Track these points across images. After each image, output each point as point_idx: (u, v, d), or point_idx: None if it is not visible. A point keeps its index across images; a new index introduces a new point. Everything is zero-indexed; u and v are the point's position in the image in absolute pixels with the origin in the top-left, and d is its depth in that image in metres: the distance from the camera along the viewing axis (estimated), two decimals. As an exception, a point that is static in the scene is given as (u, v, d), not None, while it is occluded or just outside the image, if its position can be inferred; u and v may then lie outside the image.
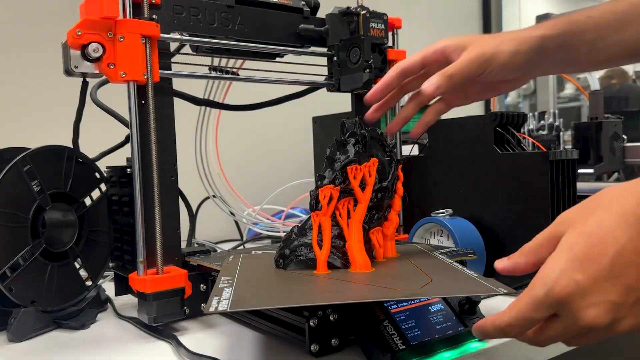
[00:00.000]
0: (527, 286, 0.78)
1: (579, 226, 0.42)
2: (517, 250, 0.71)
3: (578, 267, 0.40)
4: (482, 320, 0.45)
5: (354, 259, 0.58)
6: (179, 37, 0.68)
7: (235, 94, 0.88)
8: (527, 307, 0.42)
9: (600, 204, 0.42)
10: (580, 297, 0.40)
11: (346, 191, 0.60)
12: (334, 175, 0.60)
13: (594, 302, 0.40)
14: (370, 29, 0.79)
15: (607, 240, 0.40)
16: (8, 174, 0.65)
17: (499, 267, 0.47)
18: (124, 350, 0.60)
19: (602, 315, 0.40)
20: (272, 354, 0.58)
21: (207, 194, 0.98)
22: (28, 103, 1.14)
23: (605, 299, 0.40)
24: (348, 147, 0.61)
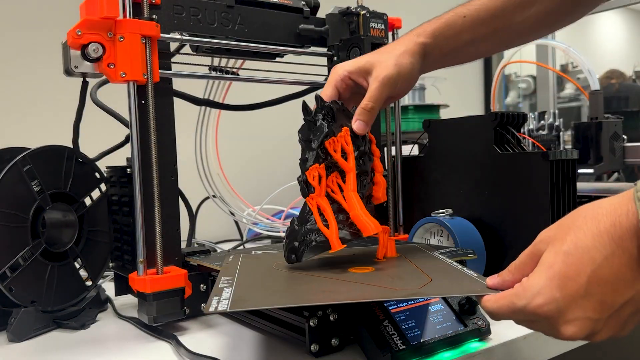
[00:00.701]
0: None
1: (557, 245, 0.44)
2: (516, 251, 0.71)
3: (557, 285, 0.42)
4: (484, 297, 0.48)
5: (364, 224, 0.57)
6: (179, 37, 0.68)
7: (235, 94, 0.88)
8: (508, 310, 0.45)
9: (576, 223, 0.44)
10: (559, 315, 0.42)
11: (330, 167, 0.60)
12: (315, 154, 0.59)
13: (571, 318, 0.42)
14: (370, 29, 0.79)
15: (584, 259, 0.42)
16: (8, 174, 0.65)
17: (489, 284, 0.50)
18: (124, 350, 0.60)
19: (579, 331, 0.42)
20: (272, 354, 0.58)
21: (207, 194, 0.98)
22: (28, 103, 1.14)
23: (582, 315, 0.42)
24: (319, 124, 0.60)
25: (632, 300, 0.42)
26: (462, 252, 0.69)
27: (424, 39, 0.67)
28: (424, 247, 0.70)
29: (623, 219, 0.42)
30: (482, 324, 0.57)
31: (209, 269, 0.67)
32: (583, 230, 0.43)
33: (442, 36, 0.67)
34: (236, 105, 0.85)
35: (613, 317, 0.43)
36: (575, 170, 0.73)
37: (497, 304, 0.46)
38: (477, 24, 0.67)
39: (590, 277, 0.42)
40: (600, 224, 0.43)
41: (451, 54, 0.69)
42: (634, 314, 0.43)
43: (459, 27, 0.67)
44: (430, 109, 1.34)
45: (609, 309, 0.42)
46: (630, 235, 0.41)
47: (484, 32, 0.68)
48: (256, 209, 1.14)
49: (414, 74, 0.66)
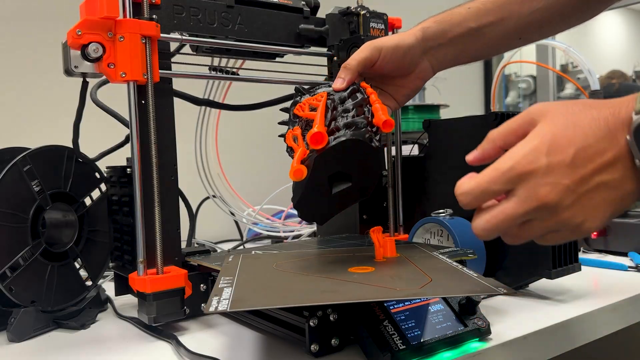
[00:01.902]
0: (527, 286, 0.78)
1: (555, 118, 0.46)
2: (516, 250, 0.71)
3: (546, 151, 0.45)
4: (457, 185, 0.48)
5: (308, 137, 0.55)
6: (179, 37, 0.68)
7: (235, 94, 0.88)
8: (488, 178, 0.46)
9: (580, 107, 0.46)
10: (541, 175, 0.44)
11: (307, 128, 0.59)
12: (289, 124, 0.61)
13: (549, 182, 0.44)
14: (370, 29, 0.79)
15: (577, 135, 0.45)
16: (8, 174, 0.65)
17: (469, 159, 0.51)
18: (124, 350, 0.60)
19: (552, 194, 0.44)
20: (272, 354, 0.58)
21: (207, 194, 0.98)
22: (28, 103, 1.14)
23: (561, 181, 0.44)
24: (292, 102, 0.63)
25: (607, 184, 0.45)
26: (462, 252, 0.69)
27: (424, 24, 0.69)
28: (424, 247, 0.70)
29: (622, 111, 0.45)
30: (482, 324, 0.57)
31: (209, 269, 0.67)
32: (584, 113, 0.46)
33: (445, 22, 0.69)
34: (236, 105, 0.85)
35: (585, 196, 0.45)
36: (575, 170, 0.72)
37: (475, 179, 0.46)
38: (482, 13, 0.68)
39: (578, 150, 0.44)
40: (601, 111, 0.45)
41: (459, 41, 0.69)
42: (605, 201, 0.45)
43: (464, 15, 0.69)
44: (430, 109, 1.34)
45: (585, 184, 0.44)
46: (623, 126, 0.44)
47: (490, 20, 0.68)
48: (256, 209, 1.14)
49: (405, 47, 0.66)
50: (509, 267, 0.74)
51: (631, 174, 0.44)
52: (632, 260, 0.90)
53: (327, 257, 0.67)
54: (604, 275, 0.85)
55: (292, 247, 0.78)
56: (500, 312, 0.67)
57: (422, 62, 0.69)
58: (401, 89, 0.70)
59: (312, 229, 1.10)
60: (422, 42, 0.68)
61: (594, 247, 1.00)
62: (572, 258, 0.73)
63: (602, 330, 0.69)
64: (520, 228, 0.47)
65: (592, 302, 0.70)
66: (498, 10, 0.68)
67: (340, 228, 0.91)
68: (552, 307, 0.69)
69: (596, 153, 0.44)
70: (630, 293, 0.73)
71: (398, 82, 0.70)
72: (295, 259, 0.66)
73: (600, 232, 0.99)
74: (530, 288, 0.76)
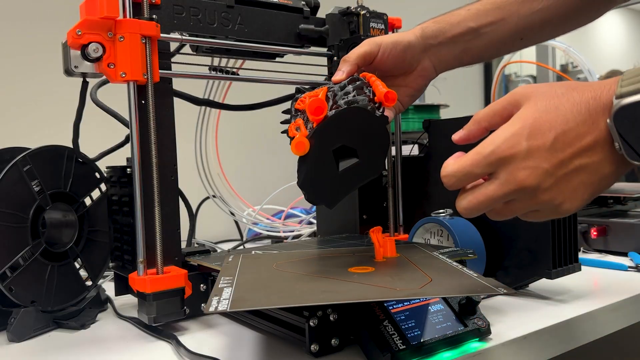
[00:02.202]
0: (527, 286, 0.78)
1: (537, 103, 0.47)
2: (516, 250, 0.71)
3: (527, 134, 0.46)
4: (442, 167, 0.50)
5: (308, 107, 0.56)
6: (179, 37, 0.68)
7: (235, 94, 0.88)
8: (470, 162, 0.48)
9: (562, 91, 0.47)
10: (521, 159, 0.46)
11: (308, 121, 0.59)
12: (291, 116, 0.61)
13: (530, 165, 0.46)
14: (370, 29, 0.79)
15: (558, 120, 0.46)
16: (8, 174, 0.65)
17: (455, 139, 0.52)
18: (124, 350, 0.60)
19: (531, 178, 0.46)
20: (272, 354, 0.58)
21: (207, 194, 0.98)
22: (28, 103, 1.14)
23: (540, 165, 0.45)
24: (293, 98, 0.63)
25: (585, 168, 0.46)
26: (462, 252, 0.69)
27: (423, 24, 0.69)
28: (424, 247, 0.70)
29: (604, 95, 0.45)
30: (482, 324, 0.57)
31: (209, 269, 0.67)
32: (566, 97, 0.47)
33: (444, 22, 0.69)
34: (236, 105, 0.85)
35: (565, 179, 0.46)
36: (576, 170, 0.72)
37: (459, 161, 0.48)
38: (482, 14, 0.69)
39: (558, 135, 0.46)
40: (583, 95, 0.46)
41: (460, 41, 0.69)
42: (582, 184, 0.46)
43: (463, 15, 0.69)
44: (430, 109, 1.34)
45: (564, 167, 0.46)
46: (604, 109, 0.45)
47: (490, 20, 0.69)
48: (256, 209, 1.14)
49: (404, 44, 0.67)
50: (509, 267, 0.74)
51: (610, 157, 0.46)
52: (632, 260, 0.90)
53: (327, 257, 0.67)
54: (604, 275, 0.85)
55: (292, 247, 0.78)
56: (500, 312, 0.67)
57: (423, 60, 0.69)
58: (404, 89, 0.70)
59: (312, 229, 1.10)
60: (421, 39, 0.68)
61: (594, 247, 1.00)
62: (572, 258, 0.73)
63: (602, 330, 0.69)
64: (502, 207, 0.49)
65: (592, 302, 0.70)
66: (497, 11, 0.69)
67: (340, 228, 0.91)
68: (552, 307, 0.69)
69: (576, 137, 0.45)
70: (630, 293, 0.73)
71: (400, 82, 0.70)
72: (295, 259, 0.66)
73: (600, 232, 0.99)
74: (530, 288, 0.76)
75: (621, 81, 0.45)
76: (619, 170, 0.46)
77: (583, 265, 0.76)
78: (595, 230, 0.99)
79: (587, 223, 1.01)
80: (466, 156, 0.48)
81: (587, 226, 1.00)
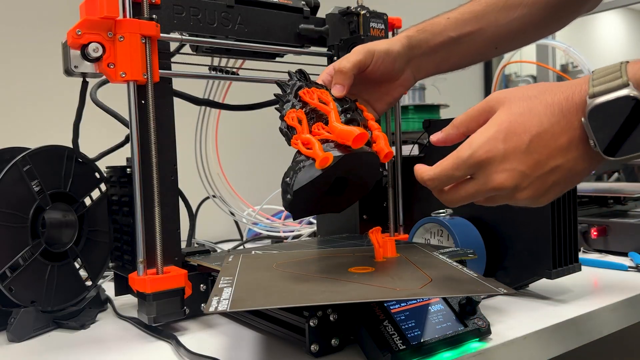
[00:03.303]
0: (527, 286, 0.78)
1: (512, 106, 0.49)
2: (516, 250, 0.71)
3: (503, 138, 0.48)
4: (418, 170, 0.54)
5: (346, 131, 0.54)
6: (179, 37, 0.68)
7: (235, 94, 0.88)
8: (451, 165, 0.50)
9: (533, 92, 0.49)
10: (498, 162, 0.48)
11: (314, 117, 0.59)
12: (292, 103, 0.60)
13: (507, 168, 0.48)
14: (370, 29, 0.79)
15: (533, 122, 0.48)
16: (8, 174, 0.65)
17: (433, 140, 0.56)
18: (124, 350, 0.60)
19: (509, 180, 0.48)
20: (272, 354, 0.58)
21: (207, 194, 0.98)
22: (28, 103, 1.14)
23: (517, 168, 0.48)
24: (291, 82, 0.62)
25: (559, 167, 0.48)
26: (462, 252, 0.69)
27: (407, 33, 0.70)
28: (424, 247, 0.70)
29: (576, 95, 0.48)
30: (482, 324, 0.57)
31: (209, 269, 0.67)
32: (539, 99, 0.49)
33: (427, 31, 0.70)
34: (236, 105, 0.85)
35: (540, 179, 0.48)
36: (576, 170, 0.73)
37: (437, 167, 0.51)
38: (461, 24, 0.70)
39: (533, 137, 0.48)
40: (555, 96, 0.48)
41: (441, 50, 0.70)
42: (556, 182, 0.49)
43: (443, 25, 0.70)
44: (430, 109, 1.34)
45: (540, 169, 0.48)
46: (577, 109, 0.47)
47: (469, 30, 0.70)
48: (256, 209, 1.14)
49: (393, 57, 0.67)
50: (509, 267, 0.74)
51: (584, 154, 0.48)
52: (632, 260, 0.90)
53: (327, 257, 0.67)
54: (604, 275, 0.85)
55: (292, 247, 0.78)
56: (500, 312, 0.67)
57: (406, 70, 0.70)
58: (385, 97, 0.71)
59: (312, 229, 1.10)
60: (407, 49, 0.68)
61: (594, 247, 1.00)
62: (572, 258, 0.73)
63: (602, 330, 0.69)
64: (483, 200, 0.53)
65: (592, 302, 0.69)
66: (475, 20, 0.70)
67: (340, 228, 0.91)
68: (552, 307, 0.69)
69: (551, 138, 0.48)
70: (630, 293, 0.73)
71: (383, 89, 0.70)
72: (295, 259, 0.66)
73: (600, 232, 0.99)
74: (530, 288, 0.76)
75: (592, 81, 0.47)
76: (591, 166, 0.49)
77: (583, 265, 0.76)
78: (595, 230, 0.99)
79: (587, 223, 1.01)
80: (446, 160, 0.51)
81: (587, 226, 1.00)
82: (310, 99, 0.60)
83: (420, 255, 0.65)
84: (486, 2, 0.70)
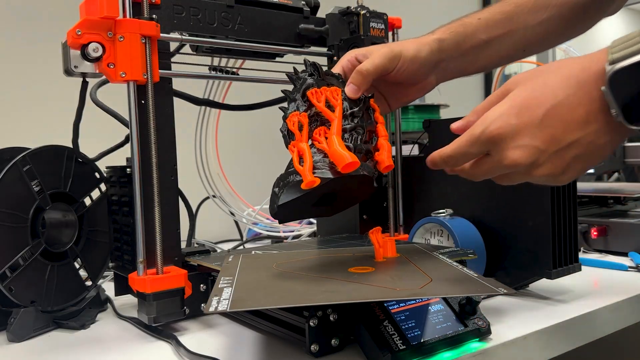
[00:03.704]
0: (527, 286, 0.78)
1: (527, 84, 0.48)
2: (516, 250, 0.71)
3: (516, 113, 0.47)
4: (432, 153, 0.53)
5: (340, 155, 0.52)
6: (179, 37, 0.68)
7: (235, 94, 0.88)
8: (466, 143, 0.50)
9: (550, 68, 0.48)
10: (511, 138, 0.47)
11: (318, 120, 0.57)
12: (297, 104, 0.58)
13: (521, 144, 0.46)
14: (370, 29, 0.79)
15: (547, 94, 0.46)
16: (8, 174, 0.65)
17: (454, 128, 0.55)
18: (124, 350, 0.60)
19: (524, 157, 0.47)
20: (272, 354, 0.58)
21: (207, 194, 0.98)
22: (28, 103, 1.14)
23: (531, 143, 0.46)
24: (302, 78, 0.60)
25: (578, 142, 0.46)
26: (462, 252, 0.69)
27: (439, 35, 0.67)
28: (424, 247, 0.70)
29: (593, 65, 0.45)
30: (482, 324, 0.57)
31: (209, 269, 0.67)
32: (554, 73, 0.47)
33: (458, 33, 0.67)
34: (236, 105, 0.85)
35: (557, 155, 0.47)
36: (576, 170, 0.73)
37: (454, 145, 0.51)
38: (491, 26, 0.68)
39: (548, 110, 0.46)
40: (572, 69, 0.47)
41: (470, 53, 0.68)
42: (576, 158, 0.47)
43: (474, 26, 0.68)
44: (430, 109, 1.34)
45: (556, 144, 0.46)
46: (596, 79, 0.45)
47: (499, 33, 0.68)
48: (256, 209, 1.14)
49: (421, 61, 0.65)
50: (509, 267, 0.74)
51: (605, 126, 0.45)
52: (632, 260, 0.90)
53: (327, 257, 0.67)
54: (604, 275, 0.85)
55: (292, 247, 0.78)
56: (500, 312, 0.67)
57: (430, 75, 0.68)
58: (401, 97, 0.69)
59: (312, 229, 1.10)
60: (437, 54, 0.66)
61: (594, 247, 1.00)
62: (572, 258, 0.73)
63: (602, 330, 0.69)
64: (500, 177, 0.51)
65: (592, 302, 0.69)
66: (507, 21, 0.68)
67: (340, 228, 0.91)
68: (552, 307, 0.69)
69: (568, 110, 0.46)
70: (630, 293, 0.73)
71: (401, 90, 0.68)
72: (295, 259, 0.66)
73: (600, 232, 0.99)
74: (530, 288, 0.76)
75: (611, 49, 0.45)
76: (615, 139, 0.46)
77: (583, 265, 0.76)
78: (595, 230, 0.99)
79: (588, 223, 1.01)
80: (461, 138, 0.50)
81: (587, 226, 1.00)
82: (317, 100, 0.58)
83: (420, 255, 0.65)
84: (515, 2, 0.68)
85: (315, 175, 0.53)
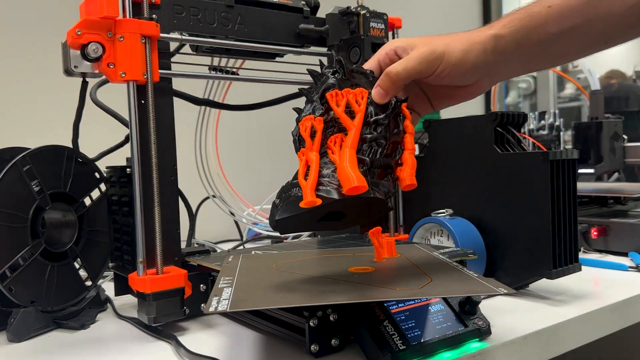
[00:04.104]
0: (527, 286, 0.78)
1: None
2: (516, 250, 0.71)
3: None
4: None
5: (347, 176, 0.47)
6: (179, 37, 0.68)
7: (235, 94, 0.88)
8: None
9: None
10: None
11: (334, 126, 0.52)
12: (313, 106, 0.52)
13: None
14: (370, 29, 0.79)
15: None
16: (8, 174, 0.65)
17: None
18: (124, 350, 0.60)
19: None
20: (272, 354, 0.58)
21: (207, 194, 0.98)
22: (28, 103, 1.14)
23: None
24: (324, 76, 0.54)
25: None
26: (462, 252, 0.69)
27: (496, 30, 0.57)
28: (424, 247, 0.70)
29: None
30: (482, 324, 0.57)
31: (209, 269, 0.67)
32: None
33: (521, 28, 0.57)
34: (236, 105, 0.85)
35: None
36: (576, 170, 0.73)
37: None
38: (566, 14, 0.56)
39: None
40: None
41: (536, 51, 0.58)
42: None
43: (544, 17, 0.56)
44: (430, 109, 1.33)
45: None
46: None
47: (575, 23, 0.56)
48: (256, 209, 1.14)
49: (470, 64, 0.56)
50: (509, 267, 0.74)
51: None
52: (632, 260, 0.90)
53: (327, 258, 0.67)
54: (604, 275, 0.85)
55: (292, 247, 0.78)
56: (500, 312, 0.67)
57: (482, 78, 0.59)
58: (446, 99, 0.62)
59: (312, 229, 1.10)
60: (491, 55, 0.57)
61: (594, 247, 1.00)
62: (572, 258, 0.73)
63: (602, 330, 0.69)
64: None
65: (592, 302, 0.69)
66: (585, 8, 0.56)
67: (340, 228, 0.91)
68: (552, 307, 0.69)
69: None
70: (630, 293, 0.73)
71: (447, 91, 0.61)
72: (295, 259, 0.66)
73: (600, 232, 0.99)
74: (530, 288, 0.76)
75: None
76: None
77: (583, 265, 0.76)
78: (595, 230, 0.99)
79: (588, 223, 1.01)
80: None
81: (587, 226, 1.00)
82: (337, 104, 0.52)
83: (420, 255, 0.65)
84: None
85: (318, 194, 0.47)
